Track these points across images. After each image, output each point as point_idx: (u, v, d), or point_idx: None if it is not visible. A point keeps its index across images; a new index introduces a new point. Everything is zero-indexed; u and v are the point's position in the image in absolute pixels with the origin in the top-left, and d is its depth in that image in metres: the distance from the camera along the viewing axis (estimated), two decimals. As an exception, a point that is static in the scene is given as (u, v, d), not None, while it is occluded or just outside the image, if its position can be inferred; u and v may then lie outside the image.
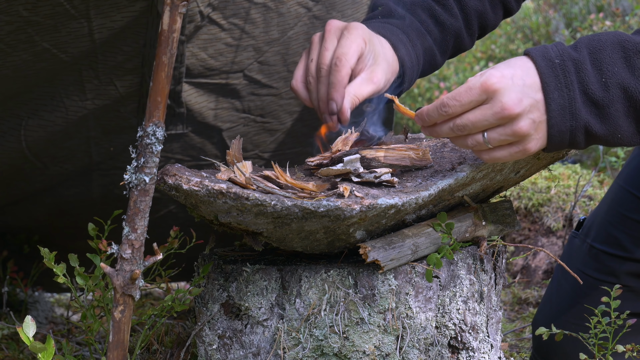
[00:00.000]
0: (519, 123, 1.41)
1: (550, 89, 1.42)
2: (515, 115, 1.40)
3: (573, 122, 1.43)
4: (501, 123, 1.42)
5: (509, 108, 1.40)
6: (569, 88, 1.43)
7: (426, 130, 1.50)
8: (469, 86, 1.42)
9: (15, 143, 2.10)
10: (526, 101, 1.41)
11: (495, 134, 1.43)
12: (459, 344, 1.63)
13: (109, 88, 2.01)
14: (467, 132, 1.44)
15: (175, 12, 1.32)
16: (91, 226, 1.63)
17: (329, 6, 2.07)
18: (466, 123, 1.43)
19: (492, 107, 1.41)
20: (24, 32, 1.77)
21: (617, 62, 1.43)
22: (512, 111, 1.40)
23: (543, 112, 1.43)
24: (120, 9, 1.81)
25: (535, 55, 1.45)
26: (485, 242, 1.69)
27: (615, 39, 1.44)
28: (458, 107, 1.43)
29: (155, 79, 1.34)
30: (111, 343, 1.42)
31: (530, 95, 1.42)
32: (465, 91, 1.42)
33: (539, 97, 1.42)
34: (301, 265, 1.57)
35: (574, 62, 1.44)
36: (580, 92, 1.43)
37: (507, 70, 1.42)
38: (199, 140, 2.22)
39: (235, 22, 1.96)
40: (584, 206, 3.11)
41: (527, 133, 1.42)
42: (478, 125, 1.42)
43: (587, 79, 1.43)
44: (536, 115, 1.42)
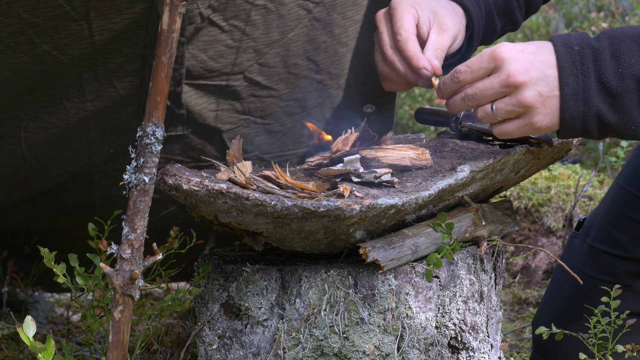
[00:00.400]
0: (523, 92, 1.43)
1: (565, 74, 1.45)
2: (520, 84, 1.43)
3: (585, 108, 1.45)
4: (507, 92, 1.45)
5: (513, 75, 1.43)
6: (584, 75, 1.45)
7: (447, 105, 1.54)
8: (480, 54, 1.47)
9: (15, 145, 2.10)
10: (533, 73, 1.44)
11: (502, 104, 1.46)
12: (459, 344, 1.63)
13: (109, 90, 2.01)
14: (477, 102, 1.47)
15: (175, 12, 1.32)
16: (91, 226, 1.63)
17: (329, 8, 2.07)
18: (475, 92, 1.47)
19: (499, 75, 1.44)
20: (24, 34, 1.78)
21: (635, 54, 1.44)
22: (516, 79, 1.43)
23: (553, 89, 1.45)
24: (121, 10, 1.82)
25: (556, 40, 1.48)
26: (485, 242, 1.69)
27: (637, 32, 1.46)
28: (468, 73, 1.47)
29: (155, 79, 1.35)
30: (111, 343, 1.42)
31: (539, 68, 1.44)
32: (476, 59, 1.47)
33: (550, 73, 1.45)
34: (301, 265, 1.57)
35: (593, 51, 1.46)
36: (595, 79, 1.45)
37: (519, 45, 1.46)
38: (199, 142, 2.22)
39: (236, 24, 1.96)
40: (584, 206, 3.11)
41: (531, 104, 1.44)
42: (485, 93, 1.46)
43: (604, 67, 1.44)
44: (544, 89, 1.44)
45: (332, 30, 2.12)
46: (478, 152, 1.68)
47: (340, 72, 2.23)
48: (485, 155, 1.64)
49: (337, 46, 2.17)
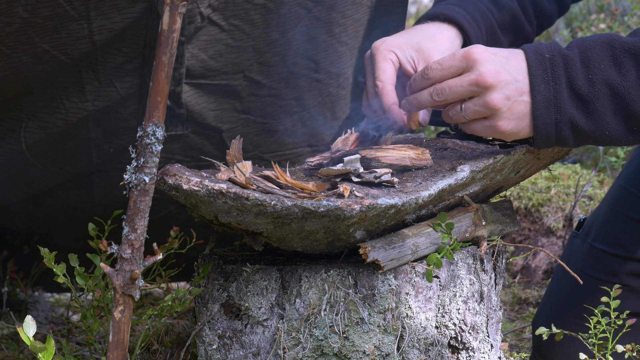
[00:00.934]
0: (491, 94, 1.45)
1: (537, 81, 1.46)
2: (489, 85, 1.44)
3: (558, 115, 1.46)
4: (475, 93, 1.46)
5: (484, 76, 1.44)
6: (555, 82, 1.46)
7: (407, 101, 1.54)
8: (453, 53, 1.48)
9: (15, 145, 2.09)
10: (504, 75, 1.45)
11: (470, 104, 1.48)
12: (459, 344, 1.63)
13: (109, 89, 2.01)
14: (444, 98, 1.48)
15: (175, 12, 1.32)
16: (91, 226, 1.63)
17: (329, 7, 2.07)
18: (444, 87, 1.48)
19: (470, 74, 1.46)
20: (23, 34, 1.78)
21: (604, 60, 1.45)
22: (486, 80, 1.44)
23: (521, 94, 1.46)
24: (121, 10, 1.81)
25: (527, 48, 1.49)
26: (485, 242, 1.69)
27: (605, 39, 1.48)
28: (439, 70, 1.48)
29: (155, 79, 1.34)
30: (111, 343, 1.42)
31: (510, 72, 1.45)
32: (449, 57, 1.48)
33: (521, 78, 1.46)
34: (301, 265, 1.57)
35: (564, 58, 1.47)
36: (567, 86, 1.46)
37: (492, 49, 1.47)
38: (199, 141, 2.21)
39: (236, 23, 1.96)
40: (584, 206, 3.11)
41: (497, 107, 1.45)
42: (454, 90, 1.47)
43: (574, 74, 1.45)
44: (512, 93, 1.45)
45: (331, 29, 2.12)
46: (478, 152, 1.68)
47: (340, 71, 2.23)
48: (485, 155, 1.64)
49: (336, 45, 2.17)
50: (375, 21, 2.20)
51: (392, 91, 1.71)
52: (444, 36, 1.77)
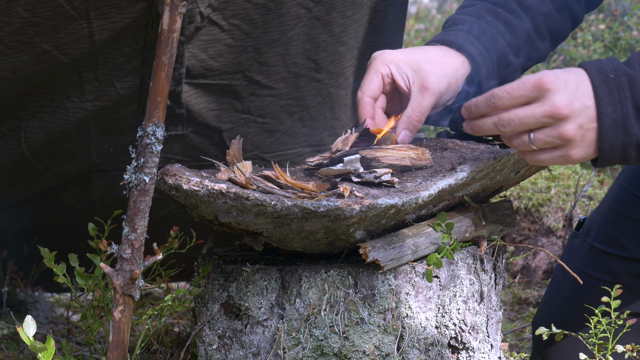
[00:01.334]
0: (566, 125, 1.40)
1: (603, 103, 1.41)
2: (564, 117, 1.39)
3: (625, 137, 1.42)
4: (548, 123, 1.40)
5: (559, 107, 1.39)
6: (622, 103, 1.41)
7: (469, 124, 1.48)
8: (522, 81, 1.41)
9: (15, 144, 2.10)
10: (576, 104, 1.40)
11: (541, 134, 1.41)
12: (459, 344, 1.63)
13: (109, 89, 2.01)
14: (512, 128, 1.42)
15: (175, 12, 1.32)
16: (91, 226, 1.63)
17: (329, 7, 2.07)
18: (513, 118, 1.41)
19: (542, 105, 1.40)
20: (24, 34, 1.78)
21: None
22: (561, 111, 1.39)
23: (592, 120, 1.41)
24: (120, 10, 1.81)
25: (589, 67, 1.44)
26: (485, 242, 1.69)
27: None
28: (507, 99, 1.41)
29: (155, 79, 1.34)
30: (111, 343, 1.42)
31: (581, 100, 1.40)
32: (518, 85, 1.41)
33: (590, 104, 1.41)
34: (301, 265, 1.57)
35: (628, 78, 1.42)
36: (633, 107, 1.42)
37: (561, 74, 1.41)
38: (199, 141, 2.22)
39: (235, 23, 1.96)
40: (584, 206, 3.11)
41: (572, 137, 1.40)
42: (525, 122, 1.41)
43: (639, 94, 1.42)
44: (584, 121, 1.40)
45: (331, 29, 2.12)
46: (478, 152, 1.68)
47: (340, 71, 2.23)
48: (485, 155, 1.64)
49: (336, 45, 2.17)
50: (375, 21, 2.20)
51: (369, 104, 1.70)
52: (447, 62, 1.73)
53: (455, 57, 1.74)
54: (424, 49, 1.76)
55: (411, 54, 1.73)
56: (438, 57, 1.73)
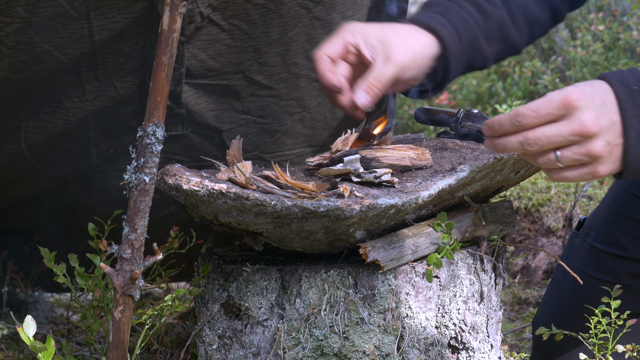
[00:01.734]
0: (594, 143, 1.38)
1: (629, 116, 1.40)
2: (593, 134, 1.37)
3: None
4: (576, 141, 1.38)
5: (587, 125, 1.37)
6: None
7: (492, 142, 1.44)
8: (548, 99, 1.38)
9: (15, 145, 2.09)
10: (604, 121, 1.38)
11: (568, 152, 1.39)
12: (459, 344, 1.63)
13: (109, 89, 2.01)
14: (539, 147, 1.39)
15: (175, 12, 1.32)
16: (91, 226, 1.63)
17: (329, 7, 2.07)
18: (539, 137, 1.38)
19: (570, 123, 1.37)
20: (23, 34, 1.78)
21: None
22: (590, 129, 1.37)
23: (618, 135, 1.40)
24: (120, 10, 1.81)
25: (612, 80, 1.42)
26: (485, 242, 1.69)
27: None
28: (534, 118, 1.38)
29: (155, 79, 1.34)
30: (111, 343, 1.42)
31: (607, 116, 1.39)
32: (544, 103, 1.38)
33: (616, 119, 1.39)
34: (301, 265, 1.57)
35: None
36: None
37: (587, 89, 1.39)
38: (199, 141, 2.21)
39: (235, 23, 1.96)
40: (584, 206, 3.11)
41: (600, 154, 1.38)
42: (552, 140, 1.38)
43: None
44: (612, 137, 1.39)
45: (331, 29, 2.12)
46: (478, 152, 1.68)
47: (340, 71, 2.23)
48: (485, 155, 1.64)
49: (337, 45, 2.17)
50: (375, 22, 2.20)
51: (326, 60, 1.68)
52: (416, 39, 1.73)
53: (423, 35, 1.74)
54: (393, 25, 1.75)
55: (379, 27, 1.72)
56: (406, 33, 1.73)
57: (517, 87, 4.87)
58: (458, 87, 5.23)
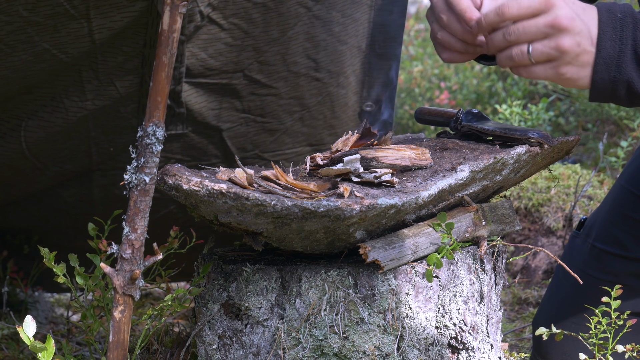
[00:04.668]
0: (564, 37, 1.46)
1: (604, 38, 1.48)
2: (564, 28, 1.46)
3: (617, 74, 1.48)
4: (548, 34, 1.47)
5: (560, 19, 1.46)
6: (622, 42, 1.48)
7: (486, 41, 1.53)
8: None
9: (15, 144, 2.10)
10: (578, 23, 1.47)
11: (539, 45, 1.48)
12: (459, 344, 1.63)
13: (109, 88, 2.01)
14: (516, 37, 1.48)
15: (176, 12, 1.32)
16: (91, 226, 1.63)
17: (328, 6, 2.07)
18: (518, 27, 1.48)
19: (546, 17, 1.47)
20: (23, 33, 1.78)
21: None
22: (562, 23, 1.46)
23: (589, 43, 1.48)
24: (120, 9, 1.81)
25: (601, 5, 1.51)
26: (485, 242, 1.69)
27: None
28: (515, 9, 1.48)
29: (155, 79, 1.34)
30: (111, 343, 1.42)
31: (584, 21, 1.48)
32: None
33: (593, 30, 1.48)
34: (301, 265, 1.57)
35: (634, 20, 1.49)
36: (632, 48, 1.48)
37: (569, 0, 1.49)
38: (199, 140, 2.22)
39: (235, 22, 1.96)
40: (584, 206, 3.11)
41: (568, 50, 1.47)
42: (527, 30, 1.47)
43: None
44: (583, 41, 1.47)
45: (331, 28, 2.12)
46: (478, 152, 1.68)
47: (340, 70, 2.23)
48: (485, 155, 1.64)
49: (336, 44, 2.17)
50: (375, 20, 2.20)
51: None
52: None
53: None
54: None
55: None
56: None
57: (517, 87, 4.87)
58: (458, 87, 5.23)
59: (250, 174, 1.50)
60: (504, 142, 1.71)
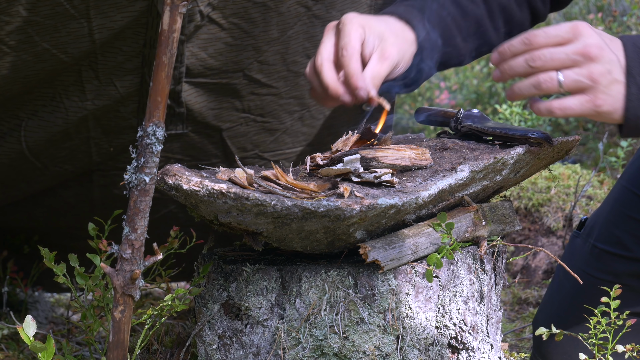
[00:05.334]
0: (595, 65, 1.43)
1: (633, 72, 1.45)
2: (594, 57, 1.43)
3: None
4: (577, 62, 1.44)
5: (590, 47, 1.43)
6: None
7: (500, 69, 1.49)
8: (559, 24, 1.46)
9: (15, 144, 2.10)
10: (607, 53, 1.44)
11: (570, 72, 1.44)
12: (459, 344, 1.63)
13: (109, 88, 2.01)
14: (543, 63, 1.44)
15: (176, 12, 1.32)
16: (91, 226, 1.63)
17: (328, 5, 2.07)
18: (544, 52, 1.44)
19: (575, 45, 1.44)
20: (24, 33, 1.78)
21: None
22: (592, 51, 1.43)
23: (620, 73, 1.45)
24: (120, 9, 1.82)
25: (625, 39, 1.49)
26: (485, 242, 1.69)
27: None
28: (542, 37, 1.44)
29: (156, 79, 1.34)
30: (111, 343, 1.42)
31: (613, 51, 1.45)
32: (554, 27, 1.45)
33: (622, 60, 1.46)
34: (301, 265, 1.57)
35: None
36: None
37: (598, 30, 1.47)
38: (198, 140, 2.22)
39: (235, 22, 1.96)
40: (584, 206, 3.11)
41: (599, 79, 1.44)
42: (555, 56, 1.44)
43: None
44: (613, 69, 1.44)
45: (331, 27, 2.12)
46: (478, 152, 1.68)
47: (340, 70, 2.23)
48: (485, 155, 1.64)
49: (336, 44, 2.17)
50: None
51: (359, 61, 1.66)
52: (405, 37, 1.73)
53: (409, 33, 1.74)
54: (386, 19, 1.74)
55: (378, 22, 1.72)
56: (398, 30, 1.73)
57: (517, 86, 4.86)
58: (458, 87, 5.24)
59: (250, 174, 1.50)
60: (504, 142, 1.71)
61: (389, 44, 1.68)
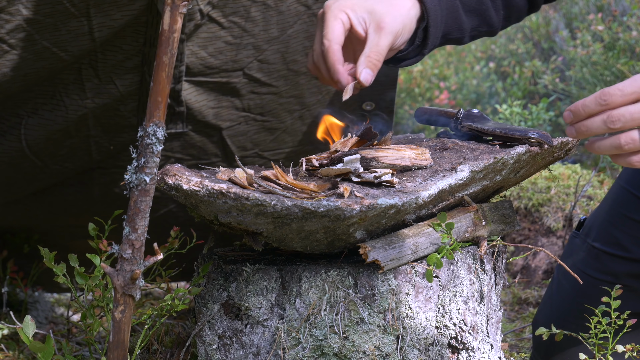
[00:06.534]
0: None
1: None
2: None
3: None
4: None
5: None
6: None
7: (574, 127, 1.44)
8: (634, 78, 1.40)
9: (15, 142, 2.10)
10: None
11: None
12: (459, 344, 1.63)
13: (109, 87, 2.01)
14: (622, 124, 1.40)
15: (176, 12, 1.31)
16: (91, 226, 1.62)
17: (329, 5, 2.07)
18: (623, 113, 1.39)
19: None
20: (24, 31, 1.78)
21: None
22: None
23: None
24: (120, 7, 1.81)
25: None
26: (485, 242, 1.69)
27: None
28: (619, 96, 1.39)
29: (156, 79, 1.34)
30: (111, 343, 1.41)
31: None
32: (630, 82, 1.40)
33: None
34: (301, 265, 1.56)
35: None
36: None
37: None
38: (198, 139, 2.21)
39: (235, 21, 1.96)
40: (584, 206, 3.11)
41: None
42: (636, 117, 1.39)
43: None
44: None
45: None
46: (478, 152, 1.68)
47: (340, 69, 2.23)
48: (485, 155, 1.64)
49: (336, 43, 2.17)
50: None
51: (338, 51, 1.64)
52: (399, 3, 1.69)
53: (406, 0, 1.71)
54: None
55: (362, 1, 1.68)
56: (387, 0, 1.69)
57: (517, 87, 4.88)
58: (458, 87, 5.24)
59: (250, 174, 1.50)
60: (504, 142, 1.71)
61: (382, 14, 1.65)
